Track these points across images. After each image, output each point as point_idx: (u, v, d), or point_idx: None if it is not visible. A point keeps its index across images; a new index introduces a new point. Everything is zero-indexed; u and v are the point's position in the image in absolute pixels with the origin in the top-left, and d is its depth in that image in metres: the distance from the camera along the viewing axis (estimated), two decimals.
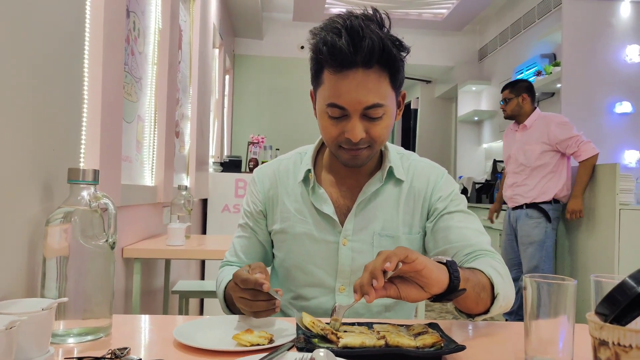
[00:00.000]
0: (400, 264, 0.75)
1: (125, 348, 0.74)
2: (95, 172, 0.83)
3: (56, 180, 1.01)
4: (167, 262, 2.52)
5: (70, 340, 0.79)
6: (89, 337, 0.80)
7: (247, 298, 0.85)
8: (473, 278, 0.87)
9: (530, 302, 0.74)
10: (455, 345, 0.73)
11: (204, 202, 3.59)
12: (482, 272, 0.92)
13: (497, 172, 4.80)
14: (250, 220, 1.17)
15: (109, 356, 0.70)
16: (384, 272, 0.74)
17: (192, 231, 2.76)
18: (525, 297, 0.75)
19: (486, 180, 4.99)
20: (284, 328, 0.86)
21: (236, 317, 0.92)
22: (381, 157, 1.13)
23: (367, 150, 1.01)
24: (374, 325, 0.84)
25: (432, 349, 0.74)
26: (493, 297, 0.92)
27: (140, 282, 1.99)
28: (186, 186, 2.42)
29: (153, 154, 2.44)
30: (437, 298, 0.81)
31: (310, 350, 0.72)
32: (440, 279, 0.78)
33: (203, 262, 3.62)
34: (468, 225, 1.07)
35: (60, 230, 0.79)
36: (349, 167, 1.06)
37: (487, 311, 0.92)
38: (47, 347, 0.70)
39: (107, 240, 0.82)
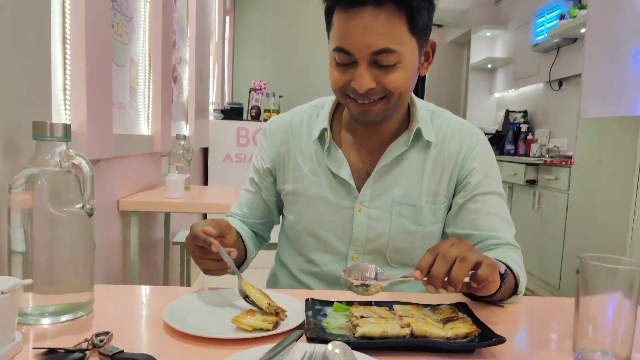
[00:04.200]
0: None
1: (107, 333, 0.64)
2: (66, 127, 0.69)
3: (25, 136, 0.87)
4: (167, 214, 2.42)
5: (45, 320, 0.68)
6: (67, 317, 0.69)
7: (197, 254, 0.80)
8: (508, 284, 0.80)
9: (585, 287, 0.63)
10: (494, 338, 0.62)
11: (205, 151, 3.46)
12: (512, 271, 0.84)
13: (509, 123, 4.63)
14: (256, 176, 1.08)
15: (85, 346, 0.59)
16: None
17: (192, 182, 2.65)
18: (578, 281, 0.64)
19: (497, 131, 4.82)
20: (291, 306, 0.75)
21: (237, 290, 0.81)
22: (408, 116, 0.99)
23: (381, 103, 0.87)
24: (395, 307, 0.73)
25: (465, 340, 0.63)
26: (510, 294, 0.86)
27: (138, 235, 1.90)
28: (184, 135, 2.28)
29: (149, 100, 2.28)
30: (470, 295, 0.79)
31: (323, 341, 0.61)
32: (492, 291, 0.74)
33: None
34: (498, 212, 0.97)
35: (25, 195, 0.67)
36: (360, 123, 0.93)
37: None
38: (12, 334, 0.59)
39: (83, 207, 0.70)
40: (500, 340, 0.61)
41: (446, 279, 0.67)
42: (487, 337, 0.63)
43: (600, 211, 2.95)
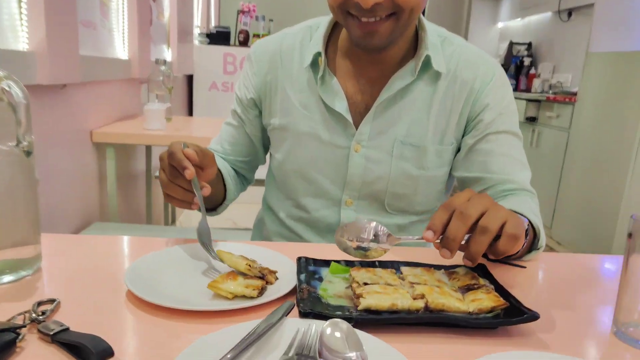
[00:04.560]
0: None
1: (53, 301, 0.52)
2: None
3: None
4: (148, 147, 2.27)
5: None
6: (7, 278, 0.57)
7: (166, 174, 0.68)
8: (528, 240, 0.70)
9: (638, 254, 0.51)
10: (526, 314, 0.51)
11: (189, 79, 3.24)
12: (530, 223, 0.72)
13: (512, 56, 4.41)
14: (239, 107, 0.95)
15: (21, 321, 0.48)
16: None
17: (175, 112, 2.47)
18: (628, 247, 0.52)
19: None
20: (280, 264, 0.64)
21: (214, 246, 0.69)
22: (416, 41, 0.84)
23: (390, 22, 0.73)
24: (402, 269, 0.62)
25: (490, 314, 0.52)
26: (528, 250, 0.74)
27: (115, 169, 1.77)
28: (165, 60, 2.07)
29: (124, 19, 2.05)
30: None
31: (319, 317, 0.50)
32: (511, 253, 0.61)
33: None
34: (513, 153, 0.85)
35: None
36: (362, 47, 0.79)
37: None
38: None
39: (18, 144, 0.55)
40: (533, 316, 0.50)
41: (463, 241, 0.56)
42: (516, 311, 0.52)
43: (601, 152, 2.85)
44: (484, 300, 0.53)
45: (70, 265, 0.63)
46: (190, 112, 3.25)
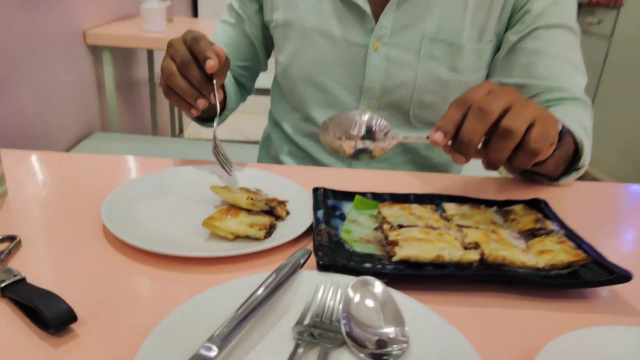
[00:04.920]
0: None
1: (12, 239, 0.42)
2: None
3: None
4: (150, 51, 2.09)
5: None
6: None
7: (176, 62, 0.54)
8: (563, 149, 0.56)
9: None
10: (615, 273, 0.39)
11: None
12: (572, 134, 0.60)
13: None
14: (236, 1, 0.80)
15: None
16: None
17: (177, 12, 2.25)
18: None
19: None
20: (293, 195, 0.52)
21: (213, 169, 0.58)
22: None
23: None
24: (446, 207, 0.50)
25: (565, 271, 0.41)
26: (568, 167, 0.63)
27: (113, 75, 1.62)
28: None
29: None
30: None
31: (341, 269, 0.39)
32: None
33: None
34: (566, 53, 0.69)
35: None
36: None
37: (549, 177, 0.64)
38: None
39: None
40: (624, 276, 0.39)
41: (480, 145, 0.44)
42: (598, 267, 0.40)
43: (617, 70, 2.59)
44: (557, 252, 0.41)
45: (43, 191, 0.52)
46: (195, 13, 2.99)
